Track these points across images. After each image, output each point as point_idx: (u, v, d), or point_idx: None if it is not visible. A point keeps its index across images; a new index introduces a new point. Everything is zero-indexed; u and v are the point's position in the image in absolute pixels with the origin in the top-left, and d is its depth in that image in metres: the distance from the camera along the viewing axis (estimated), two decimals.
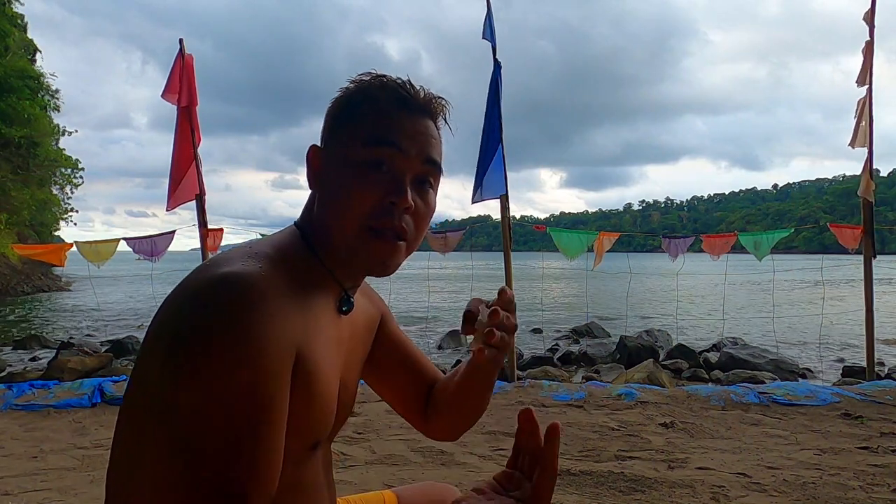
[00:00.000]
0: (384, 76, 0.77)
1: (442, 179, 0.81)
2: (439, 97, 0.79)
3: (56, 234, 31.78)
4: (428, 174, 0.77)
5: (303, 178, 0.80)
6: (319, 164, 0.77)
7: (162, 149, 4.90)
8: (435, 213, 0.81)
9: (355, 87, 0.78)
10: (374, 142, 0.72)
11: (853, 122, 4.91)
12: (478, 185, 4.99)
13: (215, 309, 0.61)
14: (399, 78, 0.77)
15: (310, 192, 0.80)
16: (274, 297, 0.65)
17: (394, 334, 1.00)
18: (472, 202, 5.06)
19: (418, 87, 0.77)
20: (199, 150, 5.07)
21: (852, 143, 4.87)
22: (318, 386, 0.71)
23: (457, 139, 0.84)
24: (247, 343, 0.60)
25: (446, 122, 0.82)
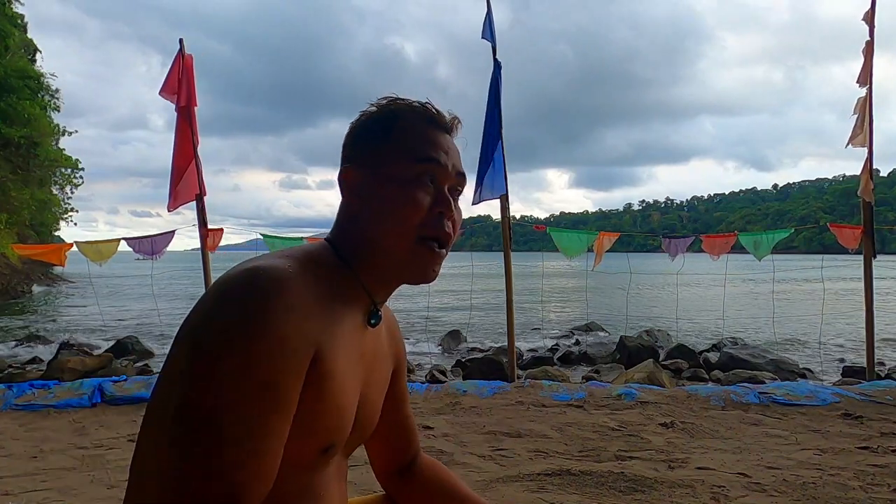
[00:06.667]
0: (405, 100, 0.84)
1: None
2: (456, 116, 0.87)
3: (56, 234, 31.76)
4: (459, 184, 0.85)
5: (311, 179, 0.82)
6: (359, 182, 0.82)
7: (169, 149, 4.96)
8: None
9: (384, 109, 0.83)
10: (421, 159, 0.80)
11: (852, 122, 4.90)
12: (478, 185, 4.98)
13: (237, 304, 0.65)
14: (422, 101, 0.85)
15: (341, 210, 0.84)
16: (297, 291, 0.69)
17: (400, 384, 1.01)
18: (473, 203, 5.06)
19: (439, 109, 0.85)
20: (209, 151, 5.11)
21: (851, 143, 4.86)
22: (334, 389, 0.72)
23: (463, 140, 0.90)
24: (263, 338, 0.64)
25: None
